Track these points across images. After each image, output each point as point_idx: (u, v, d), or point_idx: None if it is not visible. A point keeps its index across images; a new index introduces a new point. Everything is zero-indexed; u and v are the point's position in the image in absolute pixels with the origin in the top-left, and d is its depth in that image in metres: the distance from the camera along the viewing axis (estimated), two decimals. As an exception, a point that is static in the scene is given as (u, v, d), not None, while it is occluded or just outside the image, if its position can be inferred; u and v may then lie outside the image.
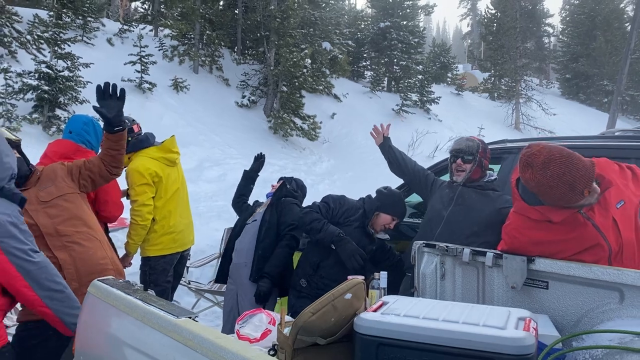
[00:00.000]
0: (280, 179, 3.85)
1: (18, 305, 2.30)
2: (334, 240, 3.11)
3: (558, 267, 2.07)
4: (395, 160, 3.48)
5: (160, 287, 3.81)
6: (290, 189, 3.73)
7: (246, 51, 19.03)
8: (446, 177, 3.44)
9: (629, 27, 31.08)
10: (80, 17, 14.26)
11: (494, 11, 32.01)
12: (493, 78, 30.75)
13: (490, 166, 3.35)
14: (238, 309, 3.43)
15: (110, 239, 3.24)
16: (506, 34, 29.34)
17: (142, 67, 13.35)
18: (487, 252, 2.31)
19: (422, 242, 2.63)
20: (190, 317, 1.37)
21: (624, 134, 3.70)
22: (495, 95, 29.67)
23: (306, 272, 3.24)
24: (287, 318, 2.17)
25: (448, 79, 27.44)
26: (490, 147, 3.96)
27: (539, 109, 26.44)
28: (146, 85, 13.31)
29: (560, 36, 42.85)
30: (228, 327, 3.38)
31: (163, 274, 3.87)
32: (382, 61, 23.89)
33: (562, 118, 27.33)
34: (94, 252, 2.69)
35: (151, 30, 17.72)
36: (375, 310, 1.77)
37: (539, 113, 26.25)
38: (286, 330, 1.95)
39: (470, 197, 3.08)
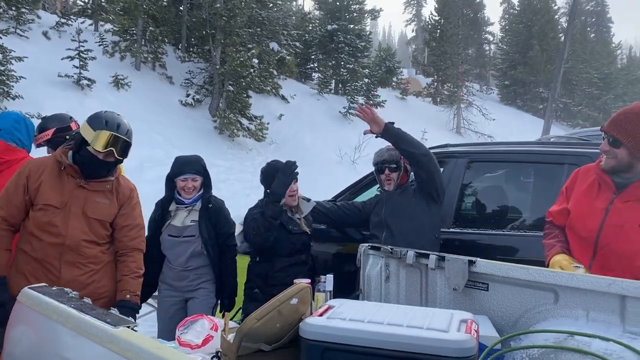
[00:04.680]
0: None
1: None
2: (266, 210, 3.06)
3: (498, 269, 2.14)
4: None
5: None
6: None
7: (191, 49, 18.62)
8: (372, 191, 3.56)
9: (562, 38, 32.88)
10: (13, 8, 13.47)
11: (437, 18, 32.95)
12: (436, 83, 31.69)
13: None
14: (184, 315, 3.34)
15: None
16: (449, 40, 30.31)
17: (81, 63, 12.81)
18: (430, 255, 2.35)
19: (367, 244, 2.66)
20: (128, 327, 1.31)
21: (559, 140, 3.90)
22: (438, 100, 30.57)
23: (257, 284, 3.22)
24: (231, 324, 2.13)
25: (393, 83, 27.99)
26: (433, 151, 4.07)
27: (479, 114, 27.49)
28: (85, 82, 12.77)
29: (500, 44, 44.70)
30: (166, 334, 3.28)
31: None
32: (330, 64, 24.05)
33: (501, 123, 28.47)
34: None
35: (91, 25, 17.01)
36: (320, 315, 1.76)
37: (479, 118, 27.27)
38: (230, 337, 1.91)
39: (395, 198, 3.23)
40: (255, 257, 3.32)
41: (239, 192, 10.87)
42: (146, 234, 3.37)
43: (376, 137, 3.12)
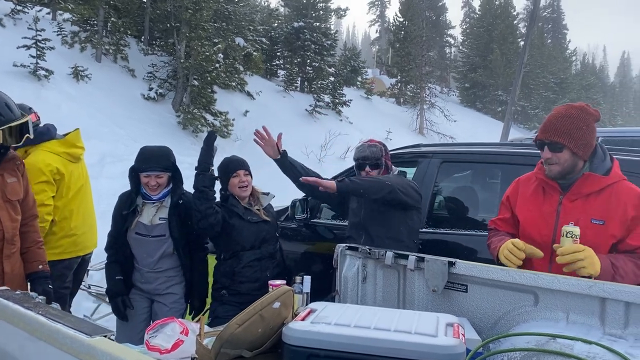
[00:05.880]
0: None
1: None
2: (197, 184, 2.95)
3: (477, 271, 2.13)
4: (299, 176, 3.06)
5: (56, 295, 3.47)
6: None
7: (154, 42, 18.15)
8: None
9: (521, 43, 33.81)
10: (-36, -7, 12.82)
11: (402, 19, 33.31)
12: (399, 84, 32.05)
13: (404, 169, 3.42)
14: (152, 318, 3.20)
15: None
16: (413, 42, 30.70)
17: (38, 53, 12.25)
18: (409, 255, 2.33)
19: (344, 245, 2.62)
20: (105, 336, 1.21)
21: (531, 142, 3.95)
22: (402, 100, 30.92)
23: (224, 284, 3.11)
24: (206, 328, 2.04)
25: (358, 83, 28.13)
26: (405, 151, 4.07)
27: (442, 115, 27.97)
28: (42, 72, 12.24)
29: (461, 47, 45.62)
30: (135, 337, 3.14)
31: (60, 280, 3.52)
32: (296, 61, 23.94)
33: (462, 125, 29.07)
34: None
35: (48, 14, 16.35)
36: (303, 319, 1.71)
37: (442, 119, 27.75)
38: (206, 341, 1.83)
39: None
40: (220, 255, 3.22)
41: (203, 189, 10.60)
42: (110, 229, 3.25)
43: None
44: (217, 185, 3.19)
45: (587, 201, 2.19)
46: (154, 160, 3.07)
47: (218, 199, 3.16)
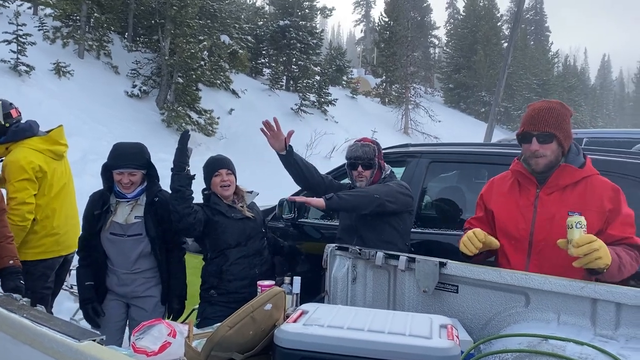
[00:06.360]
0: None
1: None
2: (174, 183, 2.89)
3: (469, 271, 2.13)
4: (302, 174, 3.06)
5: (38, 295, 3.39)
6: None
7: (138, 38, 17.94)
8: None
9: (505, 44, 34.15)
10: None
11: (387, 19, 33.41)
12: (385, 84, 32.14)
13: (393, 169, 3.40)
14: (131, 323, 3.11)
15: None
16: (398, 42, 30.81)
17: (19, 48, 12.06)
18: (400, 256, 2.32)
19: (334, 245, 2.60)
20: (94, 340, 1.17)
21: (513, 142, 3.96)
22: (387, 100, 31.02)
23: (212, 284, 3.07)
24: (195, 330, 2.00)
25: (343, 82, 28.15)
26: (393, 150, 4.06)
27: (426, 115, 28.11)
28: (23, 68, 12.03)
29: (445, 48, 45.93)
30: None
31: (41, 280, 3.45)
32: (281, 59, 23.88)
33: (446, 125, 29.27)
34: None
35: (30, 8, 16.07)
36: (295, 321, 1.68)
37: (426, 119, 27.91)
38: (195, 344, 1.79)
39: None
40: (206, 254, 3.17)
41: (187, 188, 10.50)
42: (81, 232, 3.10)
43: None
44: (202, 185, 3.15)
45: (563, 194, 2.21)
46: (127, 157, 2.94)
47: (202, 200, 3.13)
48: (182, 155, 2.88)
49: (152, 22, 16.32)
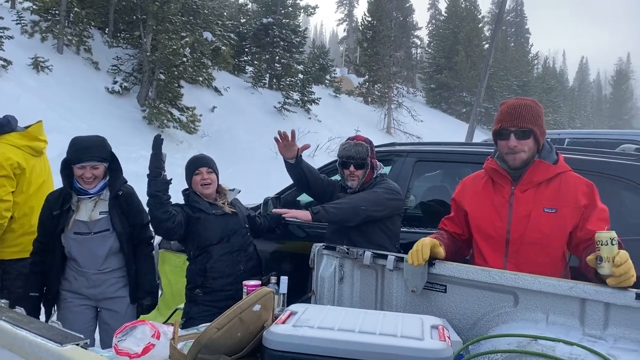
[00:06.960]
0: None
1: None
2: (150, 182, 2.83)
3: (457, 271, 2.11)
4: (305, 180, 3.08)
5: (15, 295, 3.29)
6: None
7: (119, 34, 17.67)
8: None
9: (485, 45, 34.51)
10: None
11: (370, 19, 33.49)
12: (367, 83, 32.23)
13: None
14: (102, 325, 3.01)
15: None
16: (381, 41, 30.90)
17: (-5, 41, 11.80)
18: (388, 255, 2.30)
19: (321, 244, 2.57)
20: (77, 344, 1.12)
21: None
22: (369, 99, 31.11)
23: (197, 283, 3.02)
24: (181, 331, 1.95)
25: (327, 81, 28.15)
26: (380, 149, 4.04)
27: (409, 115, 28.27)
28: (0, 62, 11.76)
29: (427, 48, 46.25)
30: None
31: (19, 280, 3.34)
32: (264, 57, 23.76)
33: (428, 125, 29.48)
34: None
35: (7, 1, 15.71)
36: (284, 322, 1.65)
37: (409, 119, 28.06)
38: (181, 345, 1.74)
39: None
40: (190, 252, 3.12)
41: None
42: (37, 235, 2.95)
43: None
44: (183, 185, 3.11)
45: (538, 190, 2.21)
46: (88, 150, 2.80)
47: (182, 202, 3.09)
48: (157, 161, 2.83)
49: (134, 17, 16.06)
